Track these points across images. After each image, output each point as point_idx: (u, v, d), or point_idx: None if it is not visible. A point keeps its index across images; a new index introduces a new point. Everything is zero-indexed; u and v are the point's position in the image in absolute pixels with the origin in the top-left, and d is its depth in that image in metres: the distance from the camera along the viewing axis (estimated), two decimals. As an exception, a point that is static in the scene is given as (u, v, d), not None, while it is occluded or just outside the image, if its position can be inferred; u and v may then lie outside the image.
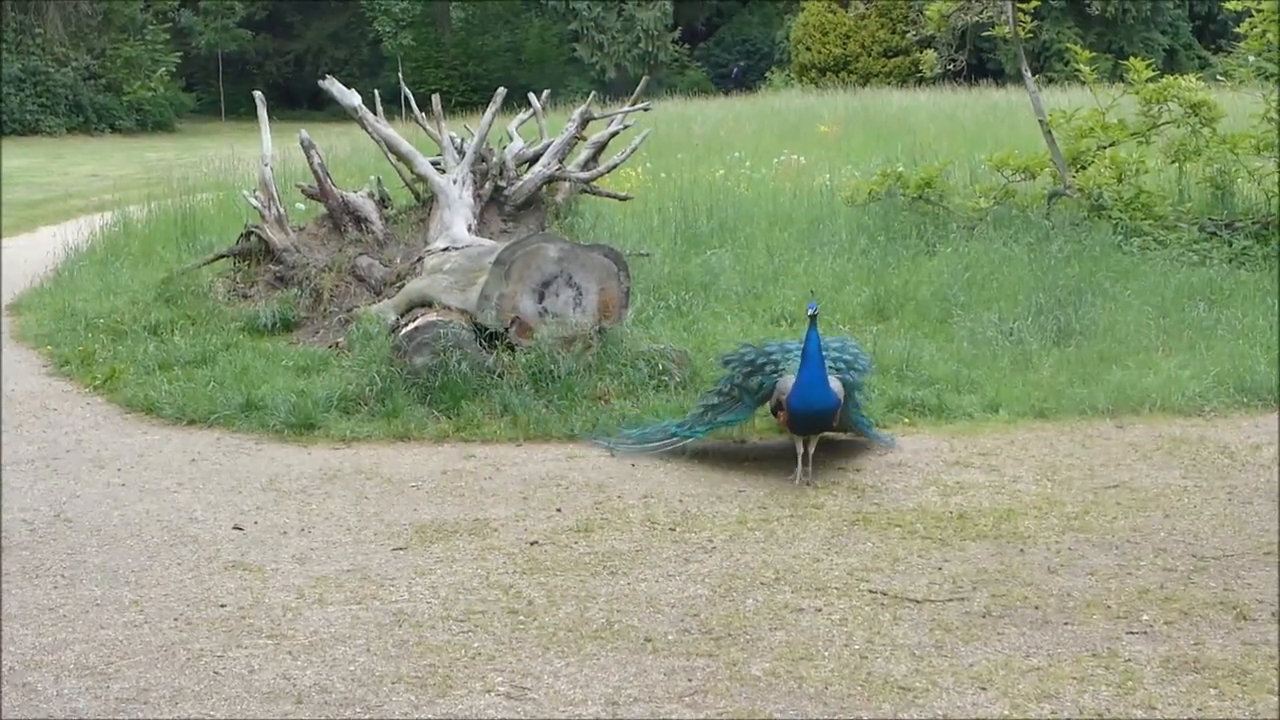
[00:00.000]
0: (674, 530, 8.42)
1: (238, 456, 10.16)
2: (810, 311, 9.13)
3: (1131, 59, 17.90)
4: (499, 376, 10.97)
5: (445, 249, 12.60)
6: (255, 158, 16.41)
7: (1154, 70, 17.55)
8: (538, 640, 6.83)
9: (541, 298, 11.22)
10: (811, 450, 9.33)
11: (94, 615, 7.22)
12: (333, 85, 14.87)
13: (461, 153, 15.26)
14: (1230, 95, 18.89)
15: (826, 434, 9.62)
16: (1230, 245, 15.55)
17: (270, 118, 15.91)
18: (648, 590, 7.47)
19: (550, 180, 15.85)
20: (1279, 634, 6.77)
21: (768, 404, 9.66)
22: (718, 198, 18.56)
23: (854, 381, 9.76)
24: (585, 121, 17.16)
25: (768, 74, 58.98)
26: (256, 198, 14.89)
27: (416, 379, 10.94)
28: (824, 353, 9.18)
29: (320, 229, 14.92)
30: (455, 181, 14.34)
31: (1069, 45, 21.56)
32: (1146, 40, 54.73)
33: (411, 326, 11.32)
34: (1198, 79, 17.79)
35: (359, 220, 14.55)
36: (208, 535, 8.44)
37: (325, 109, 49.27)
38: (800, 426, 9.23)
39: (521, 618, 7.12)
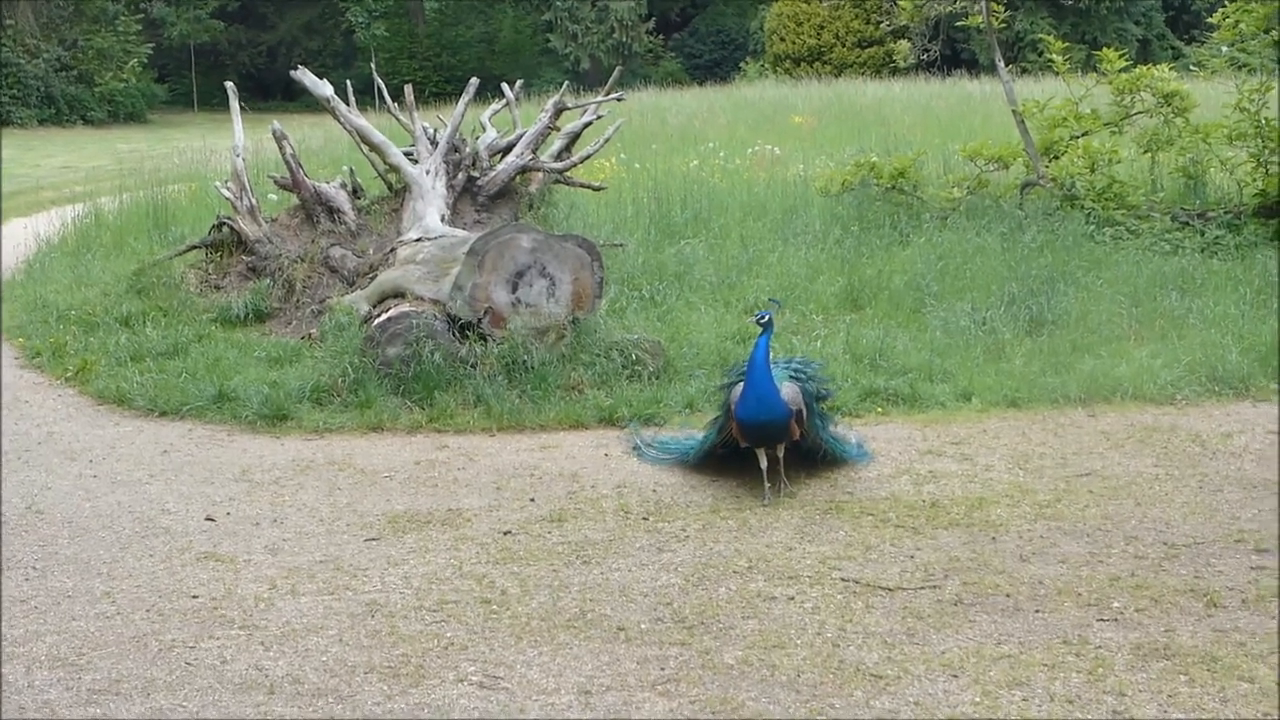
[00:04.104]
0: (647, 520, 8.43)
1: (210, 448, 10.15)
2: (760, 319, 8.90)
3: (1105, 49, 17.94)
4: (472, 367, 10.96)
5: (418, 239, 12.58)
6: (228, 149, 16.40)
7: (1127, 60, 17.59)
8: (510, 630, 6.83)
9: (515, 288, 11.21)
10: (780, 465, 8.96)
11: (66, 607, 7.21)
12: (305, 76, 14.85)
13: (434, 143, 15.24)
14: (1203, 85, 18.92)
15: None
16: (1202, 235, 15.58)
17: (243, 109, 15.89)
18: (621, 579, 7.48)
19: (523, 170, 15.84)
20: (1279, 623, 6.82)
21: None
22: (692, 188, 18.56)
23: (814, 392, 9.41)
24: (559, 112, 17.16)
25: (742, 64, 59.00)
26: (228, 189, 14.86)
27: (389, 369, 10.93)
28: (774, 363, 8.95)
29: (293, 220, 14.89)
30: (428, 172, 14.33)
31: (1042, 35, 21.61)
32: (1120, 30, 54.88)
33: (384, 317, 11.31)
34: (1170, 69, 17.83)
35: (332, 211, 14.53)
36: (180, 526, 8.42)
37: (298, 100, 49.20)
38: (748, 436, 8.84)
39: (494, 607, 7.12)
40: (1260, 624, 6.77)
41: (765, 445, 8.87)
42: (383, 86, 17.32)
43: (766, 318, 8.88)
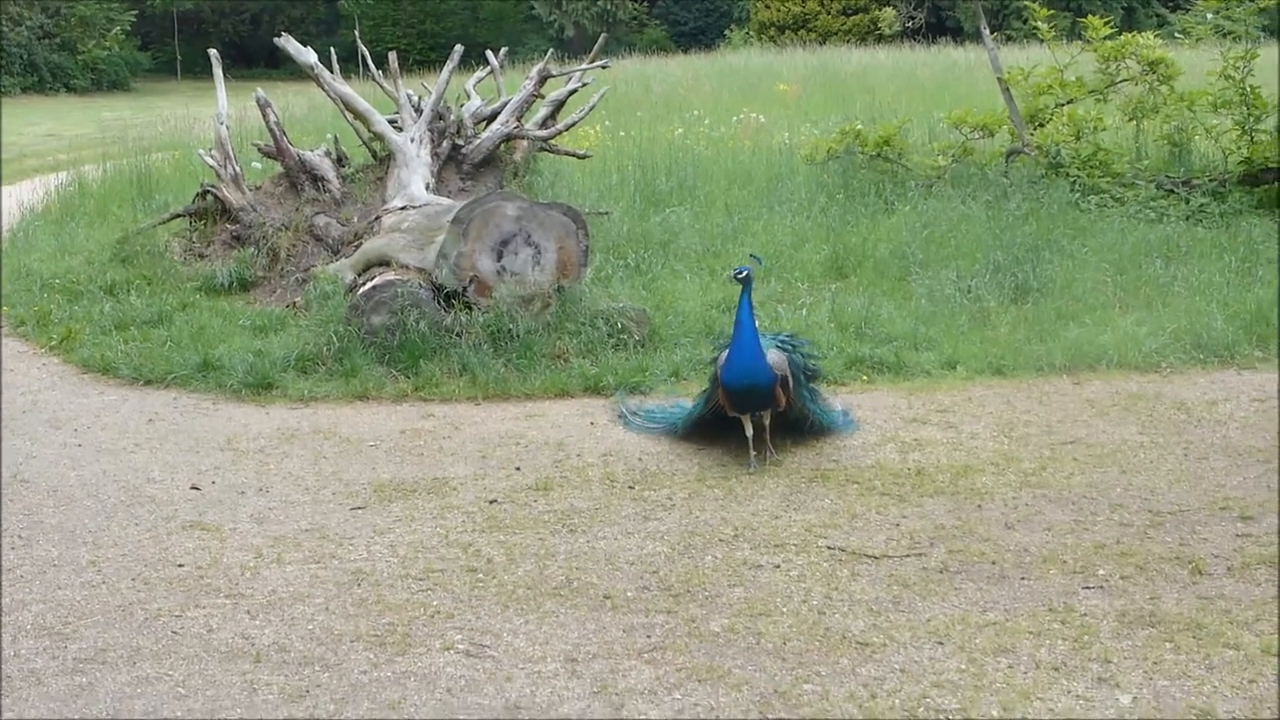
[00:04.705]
0: (633, 488, 8.43)
1: (195, 416, 10.13)
2: (738, 275, 8.82)
3: (1090, 16, 17.92)
4: (457, 335, 10.94)
5: (403, 208, 12.55)
6: (211, 117, 16.32)
7: (1112, 28, 17.58)
8: (497, 598, 6.84)
9: (500, 256, 11.18)
10: (766, 433, 8.93)
11: (51, 576, 7.19)
12: (288, 43, 14.78)
13: (419, 111, 15.20)
14: (1188, 53, 18.92)
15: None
16: (1187, 202, 15.59)
17: (227, 76, 15.82)
18: (607, 548, 7.48)
19: (508, 138, 15.80)
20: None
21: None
22: (677, 156, 18.53)
23: (801, 364, 9.34)
24: (543, 79, 17.11)
25: (726, 32, 58.90)
26: (212, 157, 14.81)
27: (374, 338, 10.91)
28: (762, 334, 8.89)
29: (277, 188, 14.85)
30: (413, 140, 14.29)
31: (1028, 3, 21.53)
32: (1105, -2, 54.80)
33: (369, 286, 11.28)
34: (1156, 36, 17.82)
35: (316, 179, 14.49)
36: (165, 495, 8.41)
37: (282, 68, 49.06)
38: (734, 401, 8.78)
39: (480, 576, 7.12)
40: (1245, 591, 6.79)
41: (751, 411, 8.83)
42: (366, 54, 17.27)
43: (745, 273, 8.82)
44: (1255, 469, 8.60)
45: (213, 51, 15.88)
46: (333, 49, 16.72)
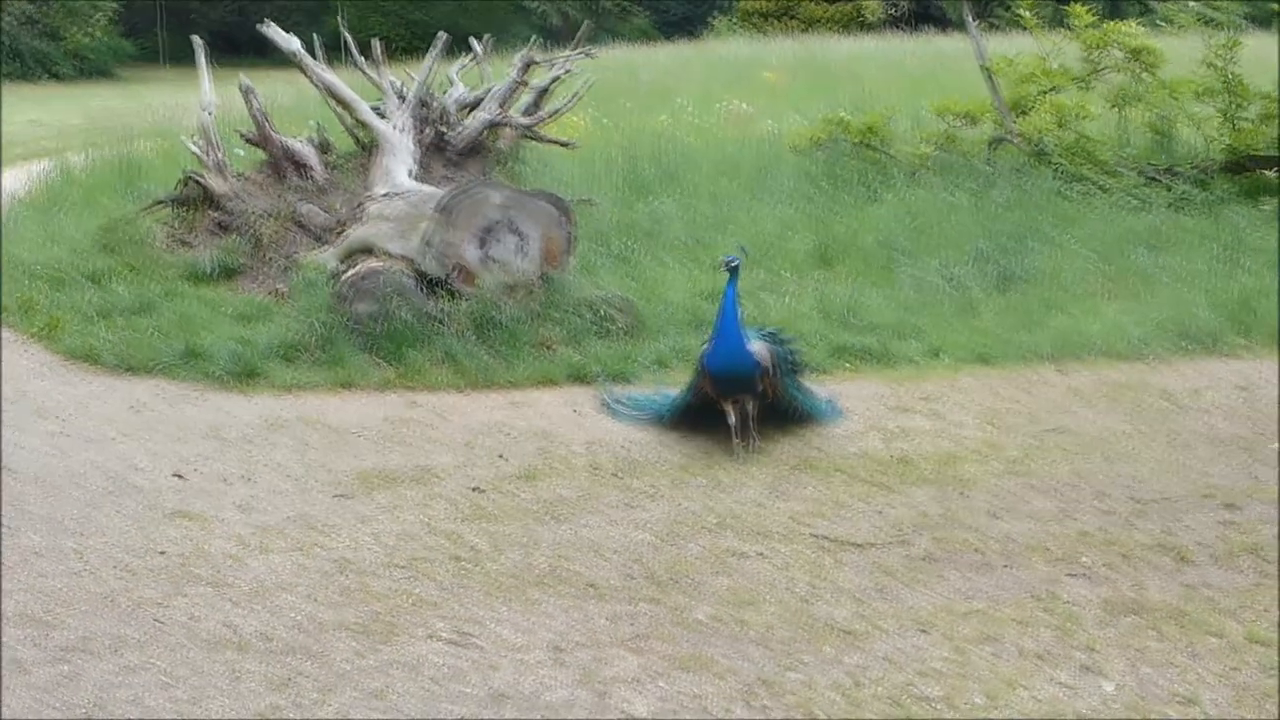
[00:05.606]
0: (618, 477, 8.43)
1: (180, 405, 10.10)
2: (729, 264, 8.82)
3: (1074, 5, 17.91)
4: (442, 324, 10.92)
5: (388, 195, 12.53)
6: (197, 104, 16.27)
7: (1096, 16, 17.60)
8: (482, 587, 6.83)
9: (485, 244, 11.17)
10: (751, 422, 8.89)
11: (36, 564, 7.17)
12: (272, 31, 14.76)
13: (404, 99, 15.18)
14: (1172, 41, 18.94)
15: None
16: (1171, 191, 15.60)
17: (213, 64, 15.77)
18: (592, 537, 7.48)
19: (493, 126, 15.80)
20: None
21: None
22: (663, 145, 18.52)
23: (784, 355, 9.31)
24: (528, 67, 17.10)
25: (712, 20, 58.85)
26: (197, 144, 14.77)
27: (359, 326, 10.89)
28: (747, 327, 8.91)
29: (262, 176, 14.83)
30: (397, 128, 14.27)
31: (1012, -9, 21.57)
32: (1089, -14, 54.73)
33: (354, 274, 11.26)
34: (1139, 25, 17.84)
35: (300, 167, 14.48)
36: (150, 484, 8.39)
37: (269, 56, 48.50)
38: (720, 389, 8.83)
39: (466, 565, 7.11)
40: (1230, 579, 6.80)
41: (734, 396, 8.82)
42: (351, 42, 17.24)
43: (735, 262, 8.84)
44: (1240, 457, 8.62)
45: (196, 39, 15.85)
46: (317, 36, 16.68)
